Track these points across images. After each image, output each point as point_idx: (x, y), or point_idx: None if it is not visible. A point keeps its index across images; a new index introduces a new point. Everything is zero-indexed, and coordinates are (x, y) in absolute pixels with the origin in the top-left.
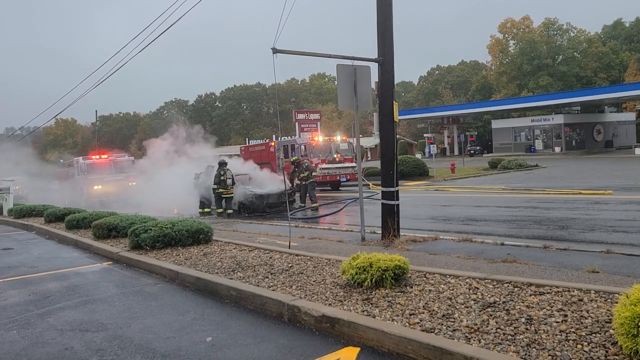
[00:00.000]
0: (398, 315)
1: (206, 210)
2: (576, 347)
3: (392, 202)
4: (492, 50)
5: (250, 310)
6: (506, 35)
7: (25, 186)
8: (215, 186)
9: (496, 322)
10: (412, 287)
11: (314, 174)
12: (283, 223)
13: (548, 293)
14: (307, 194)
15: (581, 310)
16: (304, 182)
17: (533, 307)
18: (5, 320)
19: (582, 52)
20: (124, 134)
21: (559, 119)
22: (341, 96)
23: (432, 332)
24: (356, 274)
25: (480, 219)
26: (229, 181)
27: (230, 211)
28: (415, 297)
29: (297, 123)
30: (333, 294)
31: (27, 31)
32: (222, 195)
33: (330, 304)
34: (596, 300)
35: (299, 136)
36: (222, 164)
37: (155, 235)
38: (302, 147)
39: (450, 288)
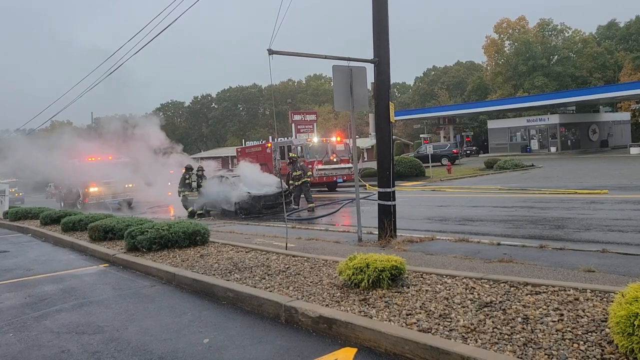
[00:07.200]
0: (395, 316)
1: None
2: (572, 346)
3: (389, 203)
4: (487, 50)
5: (247, 311)
6: (502, 36)
7: (22, 188)
8: (181, 189)
9: (493, 322)
10: (409, 288)
11: (308, 173)
12: (280, 224)
13: (544, 292)
14: (302, 195)
15: (577, 310)
16: (296, 183)
17: (529, 307)
18: (1, 324)
19: (577, 52)
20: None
21: (554, 119)
22: (337, 97)
23: (429, 332)
24: (353, 274)
25: (477, 219)
26: (194, 184)
27: (201, 211)
28: (412, 297)
29: (293, 124)
30: (330, 294)
31: (24, 31)
32: (189, 198)
33: (327, 305)
34: (592, 299)
35: (296, 137)
36: (189, 169)
37: (152, 237)
38: (299, 148)
39: (447, 288)
